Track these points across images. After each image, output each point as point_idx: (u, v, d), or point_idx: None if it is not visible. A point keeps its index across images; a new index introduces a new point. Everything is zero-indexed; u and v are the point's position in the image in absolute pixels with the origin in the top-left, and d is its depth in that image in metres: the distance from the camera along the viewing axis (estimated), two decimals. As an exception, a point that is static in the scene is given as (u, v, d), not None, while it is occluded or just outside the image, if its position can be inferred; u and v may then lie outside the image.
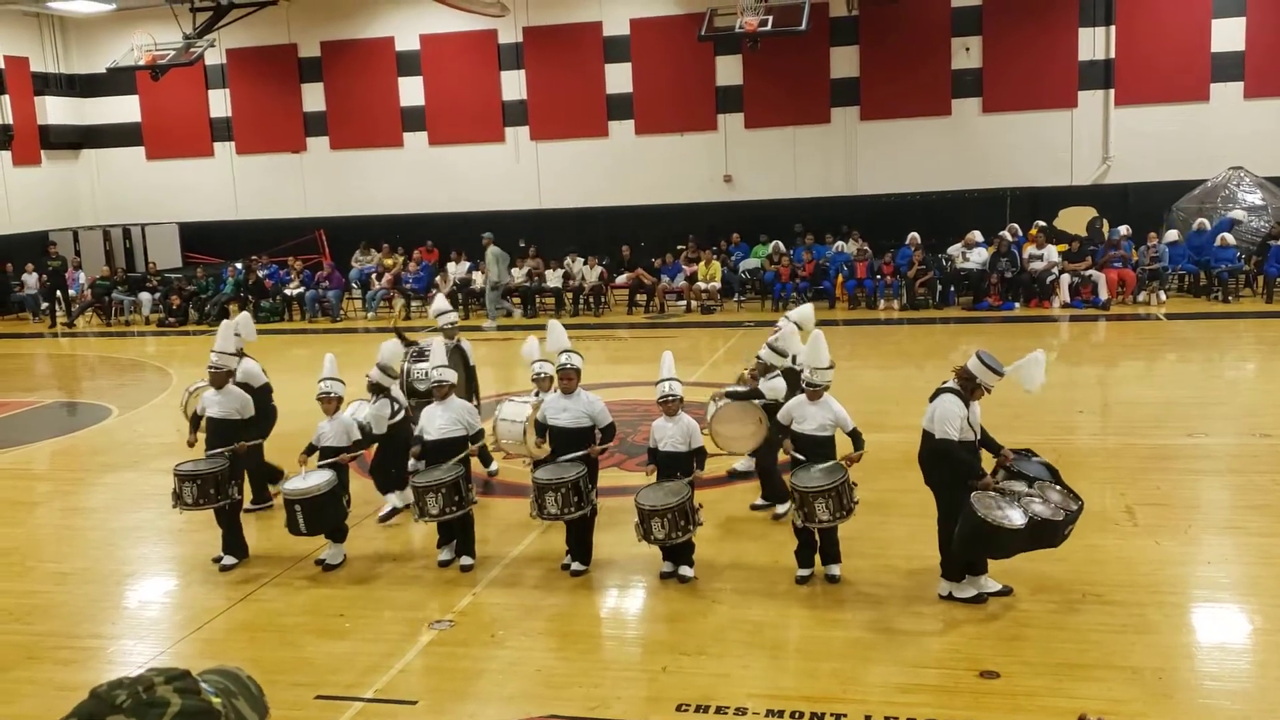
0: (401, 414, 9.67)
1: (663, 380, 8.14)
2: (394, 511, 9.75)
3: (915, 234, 21.72)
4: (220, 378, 8.94)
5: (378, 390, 9.58)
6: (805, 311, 10.17)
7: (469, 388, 10.85)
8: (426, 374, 9.56)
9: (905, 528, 8.62)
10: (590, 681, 6.48)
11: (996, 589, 7.34)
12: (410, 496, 9.12)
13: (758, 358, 9.45)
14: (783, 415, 8.12)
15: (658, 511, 7.58)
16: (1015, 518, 6.85)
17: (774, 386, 8.97)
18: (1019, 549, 7.02)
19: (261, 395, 9.69)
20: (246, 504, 9.62)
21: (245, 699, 1.68)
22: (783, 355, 9.29)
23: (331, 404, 8.81)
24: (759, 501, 9.41)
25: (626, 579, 8.15)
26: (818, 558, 7.85)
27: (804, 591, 7.68)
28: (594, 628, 7.45)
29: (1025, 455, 7.57)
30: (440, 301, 11.99)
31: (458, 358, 10.74)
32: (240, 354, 9.80)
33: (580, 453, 8.17)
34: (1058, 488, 7.27)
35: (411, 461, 9.23)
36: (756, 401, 8.86)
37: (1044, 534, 6.96)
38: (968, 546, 7.03)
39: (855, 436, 7.90)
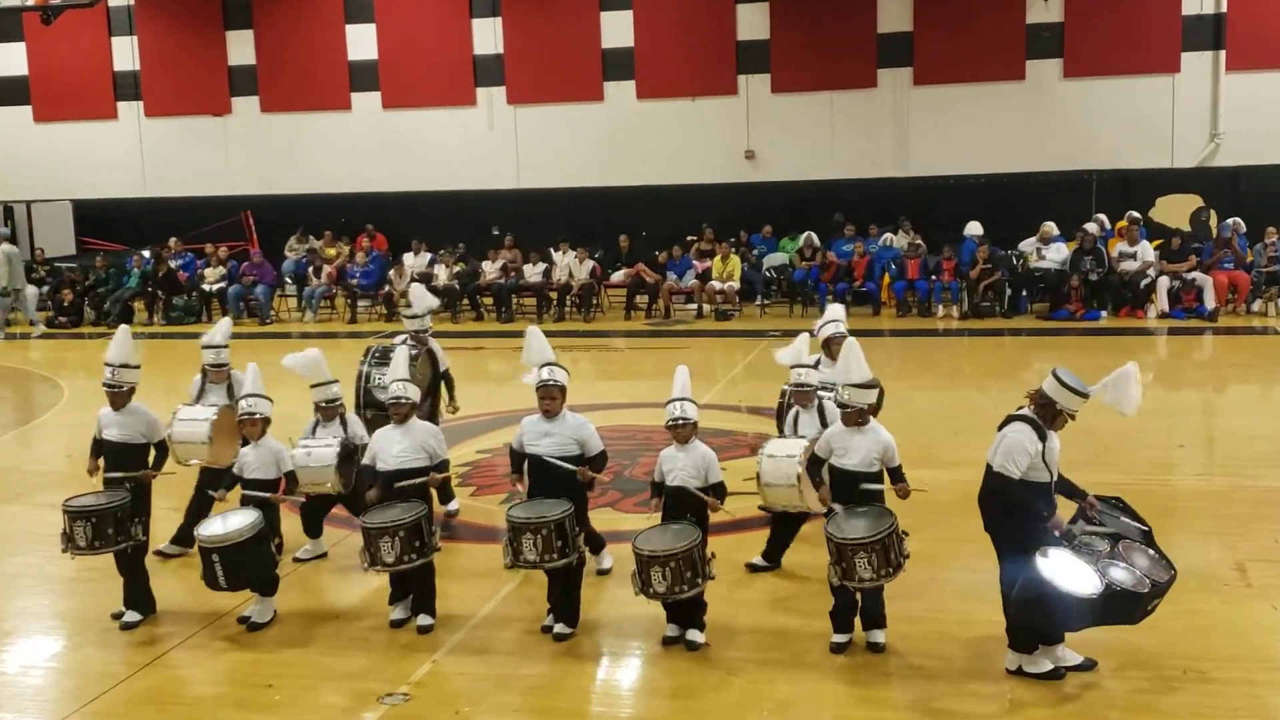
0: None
1: (674, 400, 8.18)
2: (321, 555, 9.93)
3: (975, 224, 21.77)
4: (121, 397, 8.97)
5: (331, 411, 9.59)
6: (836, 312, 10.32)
7: (432, 402, 10.85)
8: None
9: (964, 585, 8.63)
10: (576, 770, 6.50)
11: (1076, 662, 7.35)
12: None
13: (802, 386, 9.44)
14: (820, 447, 8.14)
15: (658, 558, 7.59)
16: (1087, 583, 6.85)
17: None
18: (1087, 622, 7.04)
19: None
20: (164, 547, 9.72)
21: None
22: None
23: (256, 427, 8.85)
24: (758, 561, 9.42)
25: (622, 645, 8.15)
26: (858, 621, 7.88)
27: (840, 662, 7.69)
28: (582, 704, 7.45)
29: (1114, 505, 7.59)
30: (418, 293, 11.83)
31: (427, 365, 10.78)
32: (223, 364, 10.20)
33: (571, 466, 8.19)
34: (1149, 551, 7.29)
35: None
36: None
37: (1122, 607, 6.97)
38: (1026, 613, 7.07)
39: (896, 474, 7.94)
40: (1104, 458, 11.24)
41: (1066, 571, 6.89)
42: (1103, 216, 21.93)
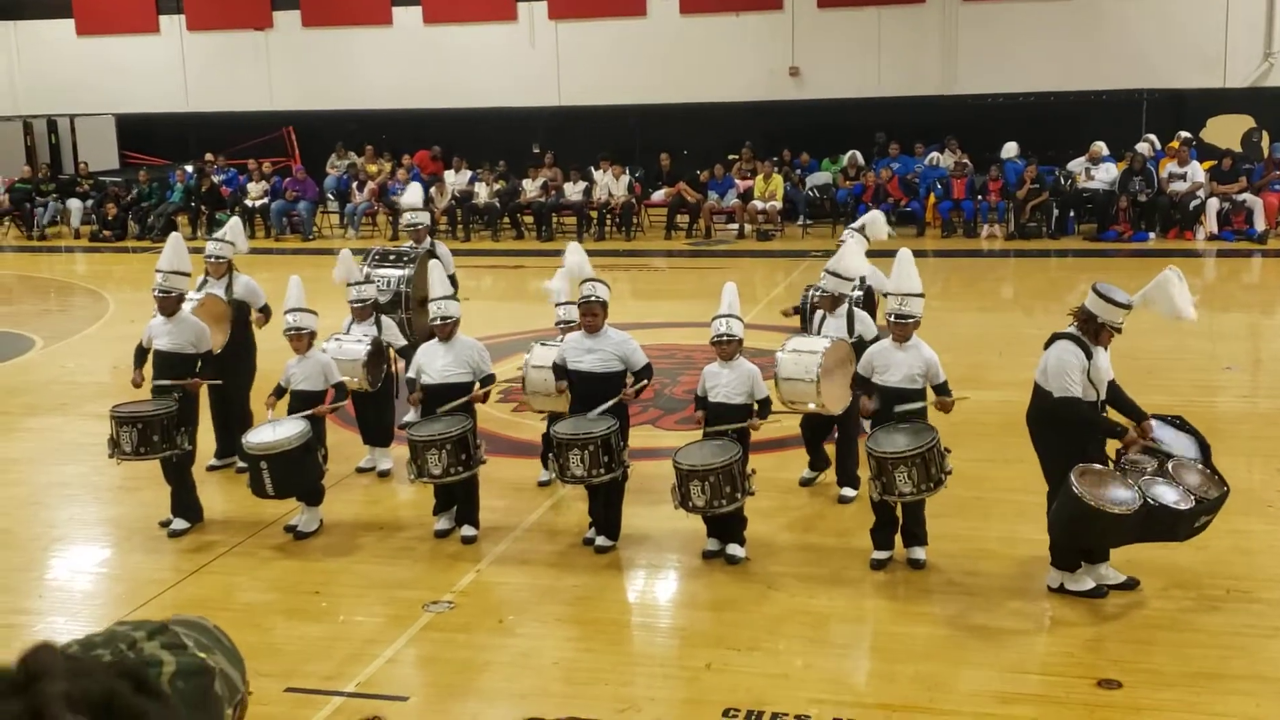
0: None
1: (720, 316, 8.18)
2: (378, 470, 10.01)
3: (1013, 144, 21.48)
4: (170, 303, 9.04)
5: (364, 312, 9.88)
6: (875, 218, 10.16)
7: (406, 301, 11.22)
8: (389, 283, 10.94)
9: (1007, 505, 8.64)
10: (618, 679, 6.59)
11: (1119, 581, 7.37)
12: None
13: (818, 290, 9.38)
14: (862, 365, 8.15)
15: (698, 473, 7.64)
16: (1123, 500, 6.82)
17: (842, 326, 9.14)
18: (1127, 539, 7.03)
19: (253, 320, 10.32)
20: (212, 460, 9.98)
21: (222, 653, 1.77)
22: (849, 280, 9.27)
23: (302, 340, 8.94)
24: (807, 474, 9.46)
25: (662, 558, 8.24)
26: (898, 538, 7.91)
27: (881, 578, 7.74)
28: (623, 615, 7.56)
29: (1171, 423, 7.53)
30: (412, 194, 12.26)
31: (423, 268, 10.92)
32: (230, 267, 10.28)
33: (612, 401, 8.21)
34: (1199, 467, 7.24)
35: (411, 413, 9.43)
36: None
37: (1162, 524, 6.93)
38: (1063, 530, 7.08)
39: (943, 391, 7.94)
40: (1150, 380, 11.16)
41: (1105, 488, 6.87)
42: (1153, 137, 21.59)
